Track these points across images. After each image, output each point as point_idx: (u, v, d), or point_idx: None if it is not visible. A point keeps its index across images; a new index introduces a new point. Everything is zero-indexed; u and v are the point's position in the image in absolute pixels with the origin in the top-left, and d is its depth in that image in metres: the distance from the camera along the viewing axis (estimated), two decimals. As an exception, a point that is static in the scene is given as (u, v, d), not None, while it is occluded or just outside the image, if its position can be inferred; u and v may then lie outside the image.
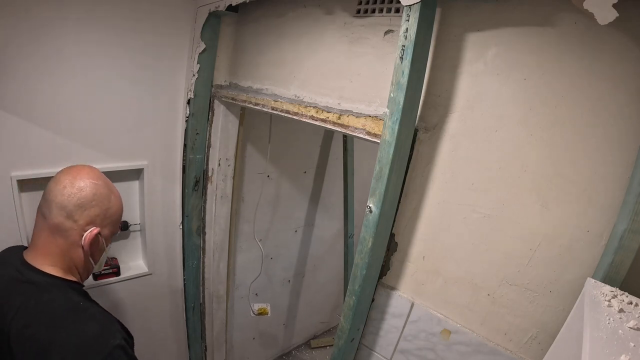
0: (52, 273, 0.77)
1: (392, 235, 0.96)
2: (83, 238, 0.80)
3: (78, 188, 0.79)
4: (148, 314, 1.67)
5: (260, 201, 1.87)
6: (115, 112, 1.31)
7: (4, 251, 0.87)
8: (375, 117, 0.90)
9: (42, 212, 0.80)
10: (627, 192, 0.62)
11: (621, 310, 0.51)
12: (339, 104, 1.03)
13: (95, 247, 0.83)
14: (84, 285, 0.85)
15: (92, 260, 0.85)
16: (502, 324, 0.80)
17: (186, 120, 1.47)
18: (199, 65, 1.37)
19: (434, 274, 0.91)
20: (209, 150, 1.52)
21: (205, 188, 1.58)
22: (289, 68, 1.19)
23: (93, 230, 0.80)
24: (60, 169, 1.12)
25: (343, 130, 0.97)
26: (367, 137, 0.91)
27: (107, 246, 0.88)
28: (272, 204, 2.01)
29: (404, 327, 0.97)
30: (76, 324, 0.72)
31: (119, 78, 1.28)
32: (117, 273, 1.48)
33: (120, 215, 0.90)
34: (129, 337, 0.79)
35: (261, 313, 1.90)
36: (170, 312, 1.75)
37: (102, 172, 1.31)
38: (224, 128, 1.51)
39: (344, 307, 0.97)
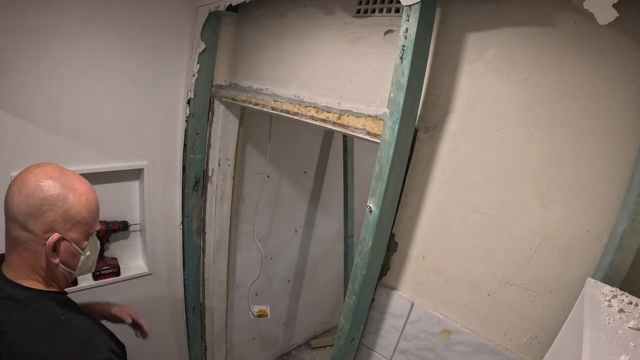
0: (29, 286, 0.73)
1: (392, 235, 0.96)
2: (45, 248, 0.72)
3: (25, 195, 0.69)
4: (148, 314, 1.65)
5: (260, 201, 1.87)
6: (115, 112, 1.31)
7: None
8: (375, 117, 0.90)
9: (5, 224, 0.73)
10: (627, 192, 0.62)
11: (621, 310, 0.51)
12: (339, 104, 1.03)
13: (65, 253, 0.75)
14: (66, 293, 0.80)
15: (65, 268, 0.77)
16: (502, 324, 0.80)
17: (186, 120, 1.47)
18: (199, 65, 1.37)
19: (434, 274, 0.91)
20: (209, 150, 1.52)
21: (205, 188, 1.58)
22: (289, 68, 1.19)
23: (52, 238, 0.71)
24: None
25: (343, 130, 0.97)
26: (367, 137, 0.91)
27: (82, 249, 0.78)
28: (272, 204, 2.01)
29: (404, 327, 0.97)
30: (60, 338, 0.68)
31: (119, 78, 1.28)
32: (117, 273, 1.47)
33: (90, 212, 0.78)
34: (118, 347, 0.75)
35: (261, 315, 1.90)
36: (170, 312, 1.75)
37: (102, 172, 1.32)
38: (224, 128, 1.51)
39: (344, 307, 0.97)
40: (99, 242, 0.89)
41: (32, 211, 0.70)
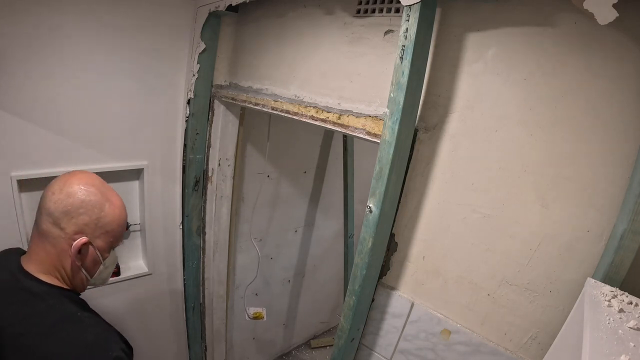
0: (47, 281, 0.75)
1: (392, 235, 0.96)
2: (71, 247, 0.75)
3: (66, 194, 0.74)
4: (148, 314, 1.67)
5: (260, 201, 1.87)
6: (115, 112, 1.31)
7: (0, 254, 0.84)
8: (375, 117, 0.90)
9: (36, 217, 0.77)
10: (627, 192, 0.62)
11: (621, 310, 0.51)
12: (339, 104, 1.03)
13: (88, 258, 0.79)
14: (79, 294, 0.82)
15: (85, 272, 0.80)
16: (502, 324, 0.80)
17: (186, 120, 1.47)
18: (199, 65, 1.37)
19: (434, 274, 0.91)
20: (209, 150, 1.52)
21: (205, 188, 1.58)
22: (289, 68, 1.19)
23: (80, 240, 0.75)
24: (59, 169, 1.11)
25: (343, 130, 0.97)
26: (367, 137, 0.91)
27: (103, 259, 0.82)
28: (272, 204, 2.01)
29: (404, 327, 0.97)
30: (72, 334, 0.69)
31: (119, 78, 1.28)
32: (117, 273, 1.48)
33: (120, 226, 0.83)
34: (127, 348, 0.77)
35: (256, 317, 1.90)
36: (170, 312, 1.75)
37: (102, 172, 1.32)
38: (224, 128, 1.51)
39: (344, 307, 0.97)
40: (117, 259, 0.91)
41: (69, 210, 0.74)
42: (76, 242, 0.75)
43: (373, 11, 0.95)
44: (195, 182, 1.54)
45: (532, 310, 0.76)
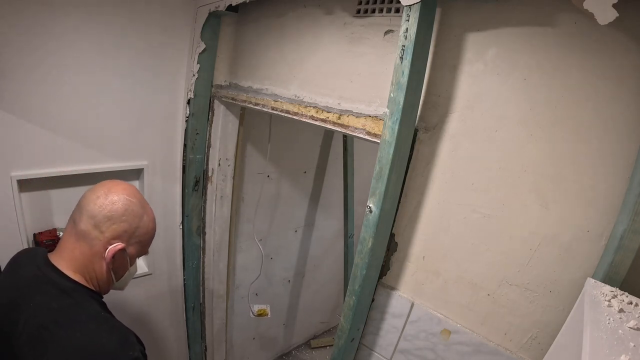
0: (75, 279, 0.77)
1: (392, 235, 0.96)
2: (107, 251, 0.79)
3: (111, 201, 0.79)
4: (148, 314, 1.67)
5: (260, 201, 1.87)
6: (115, 112, 1.31)
7: (24, 251, 0.87)
8: (375, 117, 0.90)
9: (73, 217, 0.81)
10: (627, 192, 0.62)
11: (621, 310, 0.51)
12: (339, 104, 1.03)
13: (119, 262, 0.83)
14: (102, 296, 0.85)
15: (113, 275, 0.84)
16: (502, 324, 0.80)
17: (186, 120, 1.47)
18: (199, 65, 1.37)
19: (434, 274, 0.91)
20: (209, 150, 1.52)
21: (205, 188, 1.58)
22: (289, 68, 1.19)
23: (117, 246, 0.79)
24: (59, 169, 1.10)
25: (343, 130, 0.97)
26: (367, 137, 0.91)
27: (131, 265, 0.87)
28: (272, 203, 2.01)
29: (403, 327, 0.97)
30: (97, 332, 0.71)
31: (118, 78, 1.28)
32: (117, 273, 1.48)
33: (151, 238, 0.88)
34: (143, 349, 0.80)
35: (261, 314, 1.90)
36: (170, 312, 1.75)
37: (103, 172, 1.32)
38: (224, 128, 1.51)
39: (344, 307, 0.97)
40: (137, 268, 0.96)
41: (112, 216, 0.78)
42: (113, 246, 0.79)
43: (373, 11, 0.95)
44: (195, 182, 1.54)
45: (532, 310, 0.76)
